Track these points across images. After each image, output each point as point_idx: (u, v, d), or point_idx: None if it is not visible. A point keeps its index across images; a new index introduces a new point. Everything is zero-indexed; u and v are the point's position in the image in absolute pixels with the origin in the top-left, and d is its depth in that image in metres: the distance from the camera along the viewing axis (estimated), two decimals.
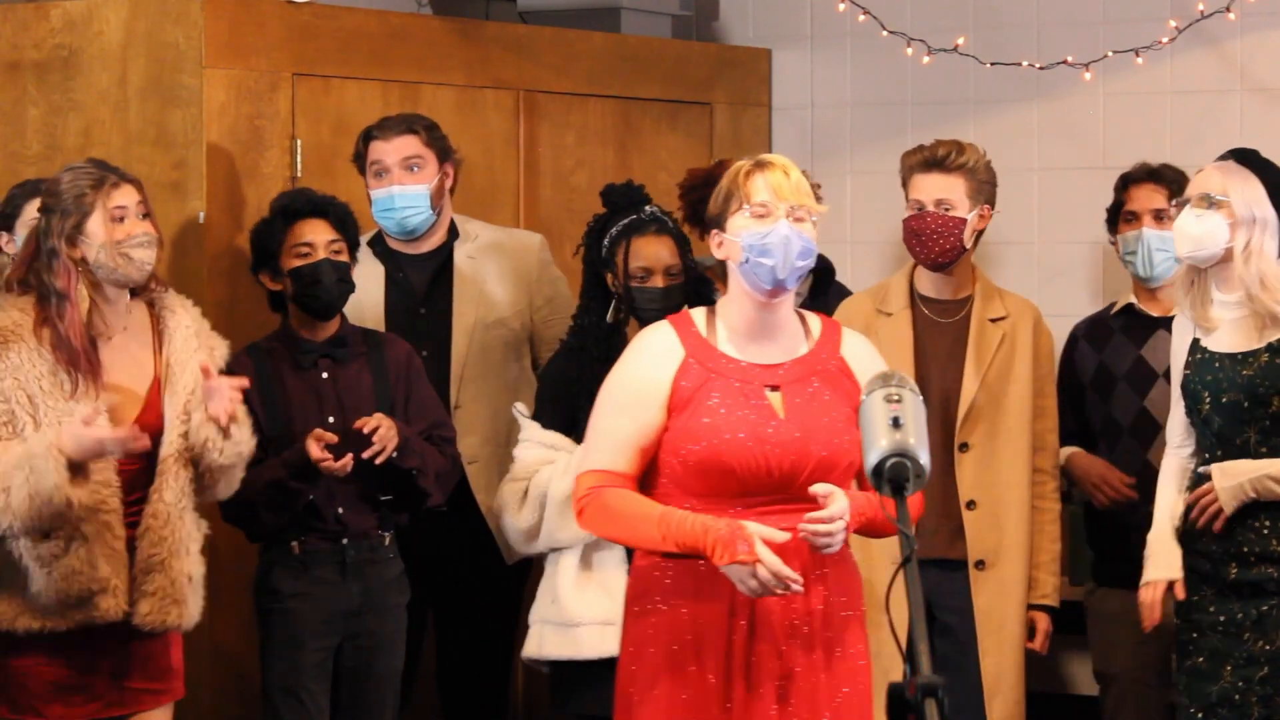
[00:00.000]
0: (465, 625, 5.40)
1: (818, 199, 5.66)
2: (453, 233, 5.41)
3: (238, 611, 5.04)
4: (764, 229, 3.91)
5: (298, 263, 4.86)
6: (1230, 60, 6.17)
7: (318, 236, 4.88)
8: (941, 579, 4.98)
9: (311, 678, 4.84)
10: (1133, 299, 5.40)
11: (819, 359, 4.02)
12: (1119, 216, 5.44)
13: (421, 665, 5.38)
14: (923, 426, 3.10)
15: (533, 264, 5.51)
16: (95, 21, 5.42)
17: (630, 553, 4.54)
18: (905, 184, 5.06)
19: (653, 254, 4.89)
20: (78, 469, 4.24)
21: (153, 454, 4.40)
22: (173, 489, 4.40)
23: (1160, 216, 5.28)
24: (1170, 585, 4.73)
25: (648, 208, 4.95)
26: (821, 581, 3.96)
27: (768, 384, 3.96)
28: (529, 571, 5.42)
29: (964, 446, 4.98)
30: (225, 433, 4.42)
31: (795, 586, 3.81)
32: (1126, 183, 5.44)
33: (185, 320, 4.52)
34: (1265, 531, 4.64)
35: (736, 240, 3.93)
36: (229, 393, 4.38)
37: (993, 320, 5.03)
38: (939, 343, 5.03)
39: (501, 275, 5.42)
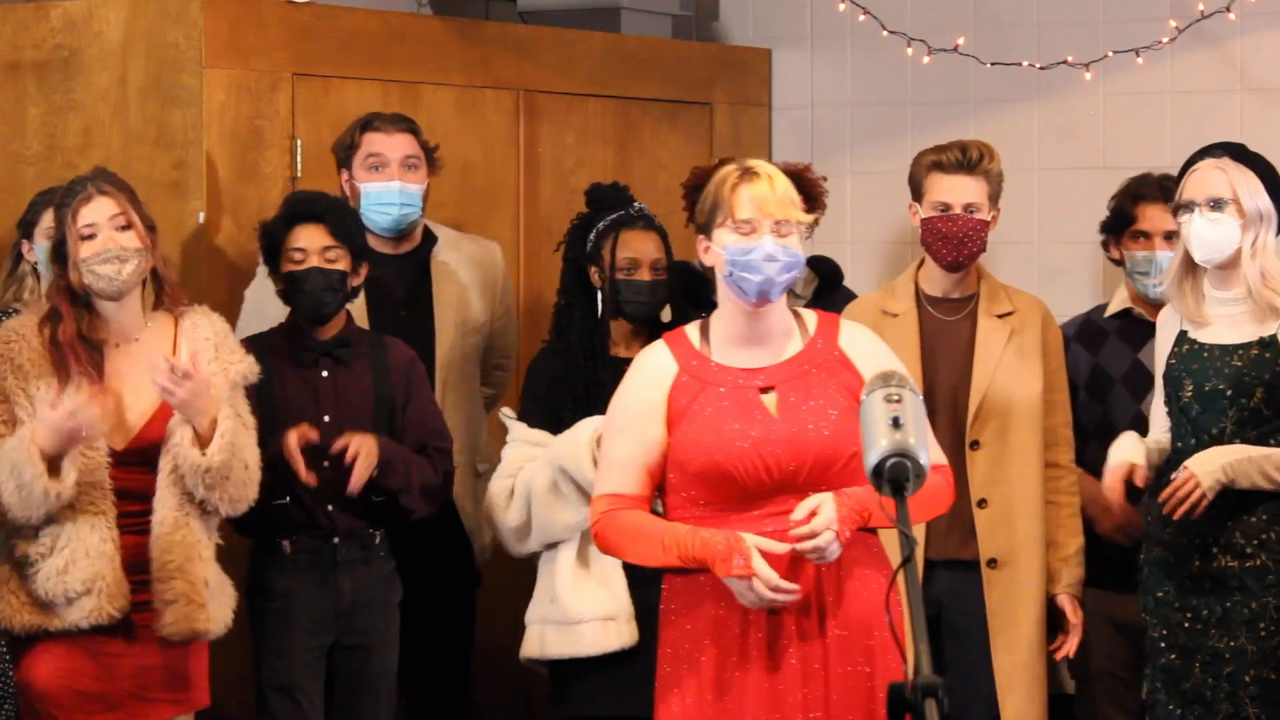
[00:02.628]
0: (430, 628, 5.38)
1: (822, 194, 5.70)
2: (429, 236, 5.41)
3: (239, 612, 5.03)
4: (748, 245, 3.95)
5: (290, 267, 4.85)
6: (1230, 60, 6.17)
7: (311, 243, 4.85)
8: (954, 580, 4.93)
9: (305, 676, 4.85)
10: (1129, 304, 5.40)
11: (815, 354, 4.04)
12: (1123, 229, 5.41)
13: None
14: (923, 426, 3.10)
15: (498, 274, 5.54)
16: (95, 21, 5.42)
17: None
18: (921, 182, 4.98)
19: (640, 247, 4.90)
20: (54, 461, 4.29)
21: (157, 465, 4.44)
22: (174, 494, 4.43)
23: (1171, 238, 5.25)
24: (1132, 469, 4.72)
25: (635, 204, 4.97)
26: (838, 594, 3.97)
27: (762, 386, 4.00)
28: (480, 579, 5.47)
29: (974, 444, 4.94)
30: (201, 445, 4.41)
31: (793, 596, 3.85)
32: (1136, 199, 5.39)
33: (206, 333, 4.54)
34: (1229, 524, 4.65)
35: (722, 253, 3.98)
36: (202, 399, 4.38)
37: (999, 316, 4.99)
38: (946, 341, 5.00)
39: (474, 283, 5.44)
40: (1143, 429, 5.07)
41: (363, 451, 4.74)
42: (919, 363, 4.96)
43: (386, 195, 5.22)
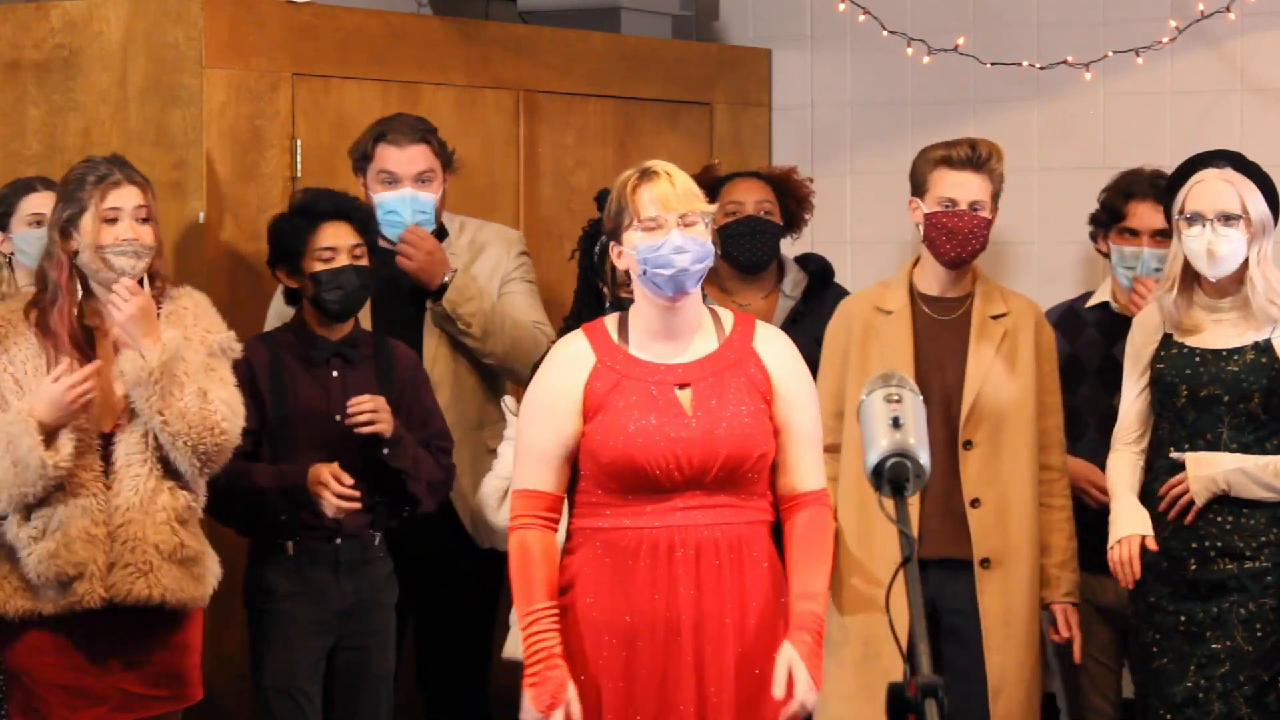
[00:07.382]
0: (445, 625, 5.38)
1: (809, 195, 5.72)
2: (440, 233, 5.40)
3: (239, 612, 5.04)
4: (656, 242, 4.04)
5: (320, 266, 4.84)
6: (1230, 60, 6.17)
7: (341, 240, 4.85)
8: (946, 579, 4.92)
9: (306, 678, 4.84)
10: (1109, 298, 5.40)
11: (730, 354, 4.14)
12: (1112, 224, 5.42)
13: (403, 666, 5.37)
14: (923, 426, 3.10)
15: (506, 256, 5.49)
16: (95, 21, 5.42)
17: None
18: (925, 178, 4.96)
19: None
20: (52, 434, 4.29)
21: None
22: (140, 461, 4.39)
23: (1159, 236, 5.26)
24: (1144, 540, 4.71)
25: None
26: (738, 589, 4.07)
27: (677, 382, 4.09)
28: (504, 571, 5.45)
29: (968, 444, 4.92)
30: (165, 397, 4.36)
31: None
32: (1128, 196, 5.39)
33: (184, 304, 4.52)
34: (1228, 527, 4.66)
35: (633, 254, 4.06)
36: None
37: (994, 317, 4.98)
38: (940, 340, 4.99)
39: (480, 273, 5.41)
40: (1111, 423, 5.05)
41: (379, 405, 4.75)
42: (912, 361, 4.95)
43: (396, 205, 5.22)
